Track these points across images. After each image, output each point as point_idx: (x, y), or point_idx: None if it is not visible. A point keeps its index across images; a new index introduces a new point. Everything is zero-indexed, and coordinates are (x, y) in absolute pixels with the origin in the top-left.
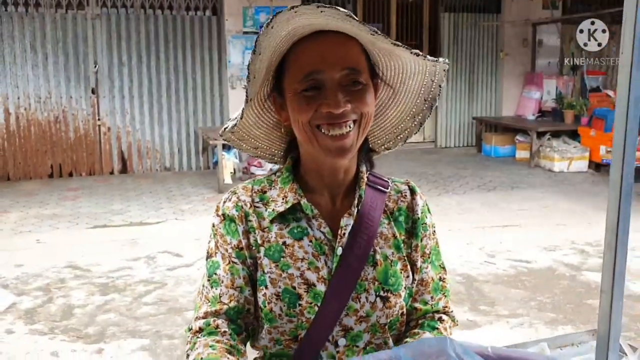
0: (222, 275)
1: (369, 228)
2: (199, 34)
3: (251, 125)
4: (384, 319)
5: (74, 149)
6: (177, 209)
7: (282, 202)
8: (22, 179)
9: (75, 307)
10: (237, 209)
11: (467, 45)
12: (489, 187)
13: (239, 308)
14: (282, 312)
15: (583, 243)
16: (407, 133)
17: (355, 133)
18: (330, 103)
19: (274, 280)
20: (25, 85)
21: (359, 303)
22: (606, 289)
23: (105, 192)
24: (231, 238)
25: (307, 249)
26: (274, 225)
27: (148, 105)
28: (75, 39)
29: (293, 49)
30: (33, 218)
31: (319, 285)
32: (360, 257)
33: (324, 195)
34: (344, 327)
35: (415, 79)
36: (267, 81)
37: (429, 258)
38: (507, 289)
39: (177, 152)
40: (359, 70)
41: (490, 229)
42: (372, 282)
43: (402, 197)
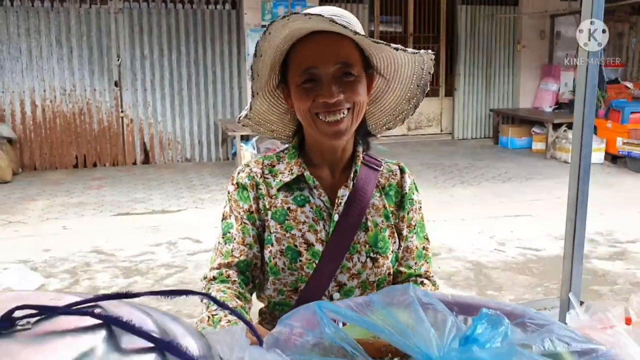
0: (234, 234)
1: (362, 199)
2: (219, 28)
3: (265, 111)
4: (373, 277)
5: (97, 140)
6: (197, 197)
7: (288, 173)
8: (48, 169)
9: (100, 289)
10: (249, 179)
11: (484, 37)
12: (504, 178)
13: (248, 262)
14: (285, 267)
15: (593, 232)
16: (404, 114)
17: (349, 119)
18: (325, 94)
19: (279, 239)
20: (51, 78)
21: (351, 262)
22: (568, 254)
23: (128, 181)
24: (243, 203)
25: (308, 214)
26: (280, 193)
27: (169, 98)
28: (99, 33)
29: (293, 48)
30: (59, 206)
31: (317, 245)
32: (354, 224)
33: (324, 170)
34: (338, 283)
35: (407, 68)
36: (274, 75)
37: (414, 229)
38: (515, 275)
39: (198, 144)
40: (350, 64)
41: (502, 218)
42: (363, 245)
43: (393, 175)
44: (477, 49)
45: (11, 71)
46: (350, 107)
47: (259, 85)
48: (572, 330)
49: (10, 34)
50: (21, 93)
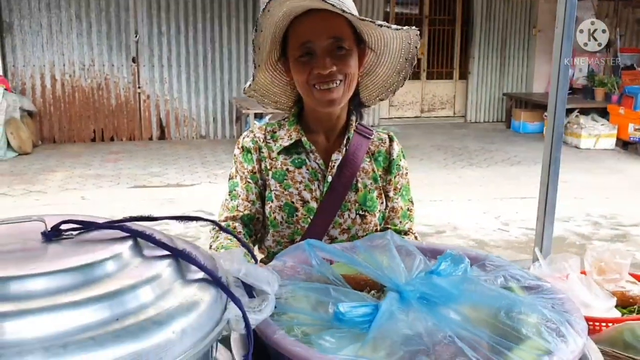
0: (239, 191)
1: (353, 163)
2: (235, 6)
3: (268, 84)
4: (362, 232)
5: (115, 115)
6: (211, 173)
7: (288, 139)
8: (66, 142)
9: None
10: (252, 142)
11: (499, 20)
12: (513, 161)
13: (251, 216)
14: (283, 220)
15: (597, 215)
16: (395, 86)
17: (341, 88)
18: (319, 66)
19: (278, 196)
20: (70, 53)
21: (342, 219)
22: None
23: (144, 156)
24: (247, 164)
25: (305, 175)
26: (280, 156)
27: (185, 75)
28: (118, 9)
29: (292, 25)
30: (78, 177)
31: (312, 202)
32: (345, 185)
33: (320, 136)
34: (330, 237)
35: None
36: (275, 49)
37: (399, 192)
38: (516, 254)
39: (212, 121)
40: (342, 38)
41: (508, 200)
42: (353, 203)
43: (382, 143)
44: (492, 32)
45: (32, 45)
46: (342, 78)
47: (261, 58)
48: (525, 270)
49: (32, 8)
50: (41, 67)
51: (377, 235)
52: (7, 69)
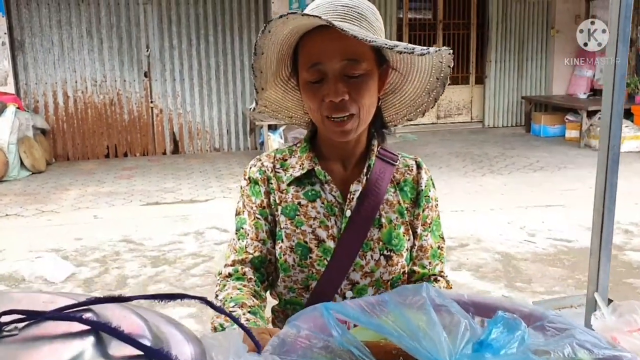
0: (248, 230)
1: (376, 194)
2: (246, 17)
3: (280, 99)
4: (387, 275)
5: (128, 130)
6: (225, 187)
7: (300, 168)
8: (80, 159)
9: (129, 278)
10: (260, 173)
11: (516, 22)
12: (535, 167)
13: (262, 258)
14: (295, 263)
15: (628, 223)
16: (424, 107)
17: (355, 120)
18: (330, 92)
19: (289, 235)
20: (82, 70)
21: (364, 260)
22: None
23: (158, 171)
24: (255, 198)
25: (319, 210)
26: (291, 188)
27: (198, 88)
28: (128, 24)
29: (302, 41)
30: (91, 195)
31: (328, 241)
32: (367, 220)
33: (336, 163)
34: (351, 281)
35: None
36: (284, 67)
37: (429, 227)
38: (545, 267)
39: (226, 133)
40: (358, 60)
41: (532, 208)
42: (377, 242)
43: (409, 171)
44: (508, 34)
45: (44, 63)
46: (355, 112)
47: (264, 81)
48: (595, 334)
49: (43, 26)
50: (54, 84)
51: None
52: (20, 87)
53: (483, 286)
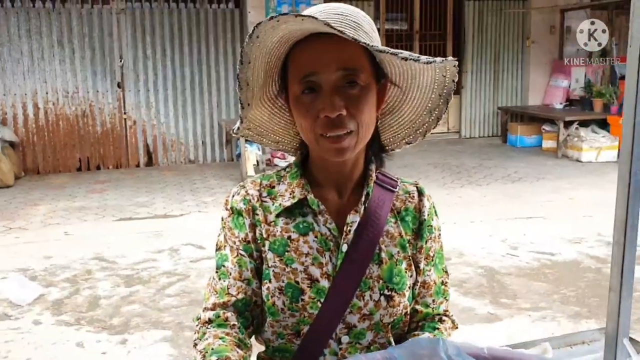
0: (230, 268)
1: (375, 226)
2: (222, 27)
3: (267, 121)
4: (388, 318)
5: (101, 142)
6: (201, 201)
7: (290, 196)
8: (51, 172)
9: (101, 298)
10: (244, 203)
11: (492, 33)
12: (514, 178)
13: (247, 300)
14: (285, 306)
15: (610, 235)
16: (425, 127)
17: (353, 138)
18: (326, 107)
19: (278, 274)
20: (53, 80)
21: (362, 301)
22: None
23: (131, 184)
24: (239, 231)
25: (312, 245)
26: (280, 220)
27: (172, 99)
28: (101, 34)
29: (292, 52)
30: (62, 211)
31: (322, 281)
32: (366, 255)
33: (331, 191)
34: (347, 325)
35: (426, 75)
36: (272, 82)
37: (432, 261)
38: (530, 282)
39: (201, 145)
40: (355, 71)
41: (513, 220)
42: (376, 280)
43: (410, 198)
44: (484, 45)
45: (13, 73)
46: (353, 128)
47: (250, 95)
48: None
49: (11, 35)
50: (23, 95)
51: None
52: None
53: (468, 303)
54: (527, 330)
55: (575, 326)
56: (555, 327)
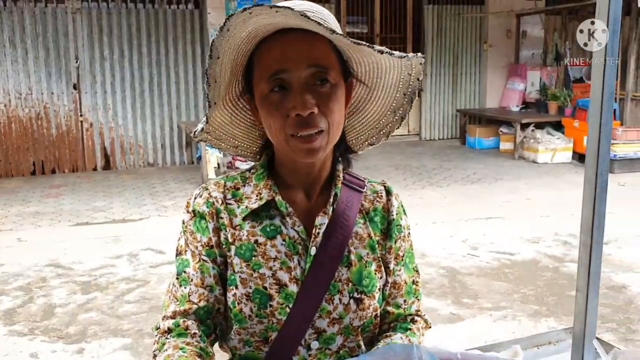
0: (191, 274)
1: (344, 227)
2: (181, 28)
3: (227, 124)
4: (358, 321)
5: (56, 145)
6: (160, 205)
7: (256, 198)
8: (3, 176)
9: (57, 307)
10: (207, 206)
11: (450, 37)
12: (473, 179)
13: (209, 308)
14: (252, 313)
15: (566, 234)
16: (389, 128)
17: (324, 137)
18: (297, 104)
19: (245, 280)
20: (5, 81)
21: (332, 305)
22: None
23: (88, 188)
24: (201, 235)
25: (280, 248)
26: (246, 223)
27: (130, 100)
28: (56, 34)
29: (258, 49)
30: (14, 216)
31: (291, 285)
32: (335, 258)
33: (299, 192)
34: (316, 330)
35: (392, 74)
36: (236, 81)
37: (402, 260)
38: (491, 282)
39: (161, 147)
40: (326, 67)
41: (473, 221)
42: (345, 283)
43: (378, 198)
44: (443, 48)
45: None
46: (325, 127)
47: (217, 93)
48: None
49: None
50: None
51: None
52: None
53: (430, 303)
54: (489, 330)
55: (536, 325)
56: (516, 326)
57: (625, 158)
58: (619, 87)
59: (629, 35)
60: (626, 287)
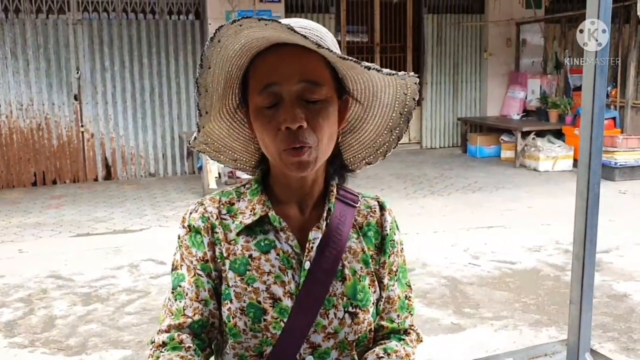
0: (186, 288)
1: (337, 242)
2: (182, 38)
3: (225, 137)
4: (352, 335)
5: (57, 156)
6: (161, 215)
7: (250, 214)
8: (4, 187)
9: (57, 318)
10: (203, 220)
11: (450, 45)
12: (474, 188)
13: (204, 322)
14: (247, 327)
15: (567, 243)
16: (386, 147)
17: (314, 152)
18: (287, 118)
19: (239, 294)
20: (6, 93)
21: (327, 319)
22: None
23: (89, 199)
24: (196, 250)
25: (274, 263)
26: (241, 238)
27: (132, 111)
28: (57, 45)
29: (253, 63)
30: (15, 227)
31: (285, 300)
32: (329, 272)
33: (292, 207)
34: (311, 345)
35: (387, 93)
36: (232, 94)
37: (395, 275)
38: (492, 291)
39: (162, 158)
40: (318, 84)
41: (474, 230)
42: (340, 297)
43: (372, 213)
44: (444, 57)
45: None
46: (313, 144)
47: (209, 103)
48: None
49: None
50: None
51: None
52: None
53: (432, 313)
54: (490, 340)
55: (537, 334)
56: (517, 335)
57: (625, 166)
58: (619, 94)
59: (628, 43)
60: (627, 295)
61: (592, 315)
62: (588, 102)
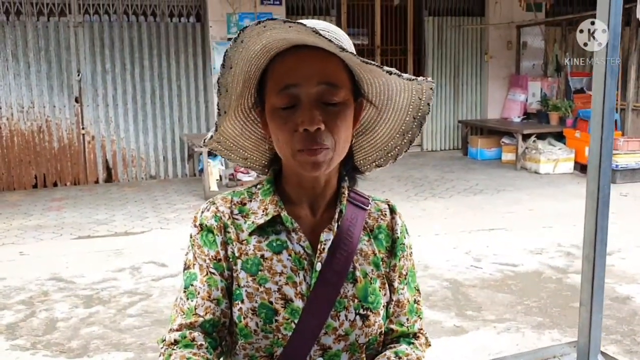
0: (198, 287)
1: (348, 244)
2: (183, 41)
3: (237, 135)
4: (363, 337)
5: (58, 158)
6: (162, 217)
7: (262, 214)
8: (5, 190)
9: (59, 321)
10: (215, 219)
11: (451, 48)
12: (475, 190)
13: (215, 321)
14: (258, 328)
15: (569, 245)
16: (397, 150)
17: (329, 153)
18: (305, 120)
19: (251, 295)
20: (7, 95)
21: (338, 321)
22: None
23: (90, 201)
24: (209, 249)
25: (286, 263)
26: (253, 238)
27: (132, 113)
28: (58, 47)
29: (272, 63)
30: (16, 229)
31: (296, 300)
32: (340, 274)
33: (304, 208)
34: (322, 346)
35: (402, 97)
36: (249, 94)
37: (405, 279)
38: (494, 294)
39: (163, 160)
40: (336, 86)
41: (476, 232)
42: (351, 299)
43: (382, 216)
44: (444, 60)
45: None
46: (330, 145)
47: (228, 103)
48: None
49: None
50: None
51: None
52: None
53: (434, 316)
54: (492, 342)
55: (539, 336)
56: (520, 338)
57: (627, 168)
58: (619, 97)
59: (628, 46)
60: (630, 298)
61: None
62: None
